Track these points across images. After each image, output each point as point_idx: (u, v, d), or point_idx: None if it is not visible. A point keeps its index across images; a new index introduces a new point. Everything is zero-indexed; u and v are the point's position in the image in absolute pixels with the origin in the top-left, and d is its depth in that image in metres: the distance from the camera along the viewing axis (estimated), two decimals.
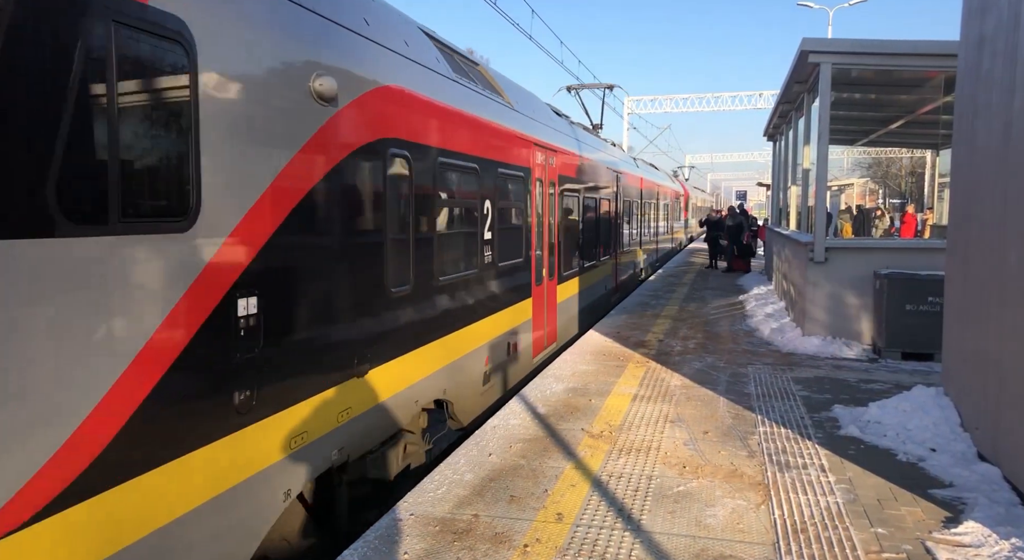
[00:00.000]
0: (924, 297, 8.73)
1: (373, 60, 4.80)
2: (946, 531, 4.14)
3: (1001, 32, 5.36)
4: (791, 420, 6.34)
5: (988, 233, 5.54)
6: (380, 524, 4.26)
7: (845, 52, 9.69)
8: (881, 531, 4.16)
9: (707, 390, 7.37)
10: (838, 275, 9.71)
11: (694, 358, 8.95)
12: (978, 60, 5.92)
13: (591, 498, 4.65)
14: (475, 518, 4.35)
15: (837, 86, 10.62)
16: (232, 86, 3.41)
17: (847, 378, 7.93)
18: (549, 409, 6.66)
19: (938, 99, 11.77)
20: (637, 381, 7.74)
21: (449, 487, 4.82)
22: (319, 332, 4.15)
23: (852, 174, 48.97)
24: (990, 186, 5.51)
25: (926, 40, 9.55)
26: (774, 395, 7.19)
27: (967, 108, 6.27)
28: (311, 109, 4.02)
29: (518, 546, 3.99)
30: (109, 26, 2.74)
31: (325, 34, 4.24)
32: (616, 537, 4.10)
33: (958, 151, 6.65)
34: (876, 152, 43.79)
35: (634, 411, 6.60)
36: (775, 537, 4.10)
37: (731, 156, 74.20)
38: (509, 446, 5.65)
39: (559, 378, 7.89)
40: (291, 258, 3.87)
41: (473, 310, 6.83)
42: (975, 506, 4.46)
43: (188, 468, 3.19)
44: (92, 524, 2.74)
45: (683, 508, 4.49)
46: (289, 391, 3.90)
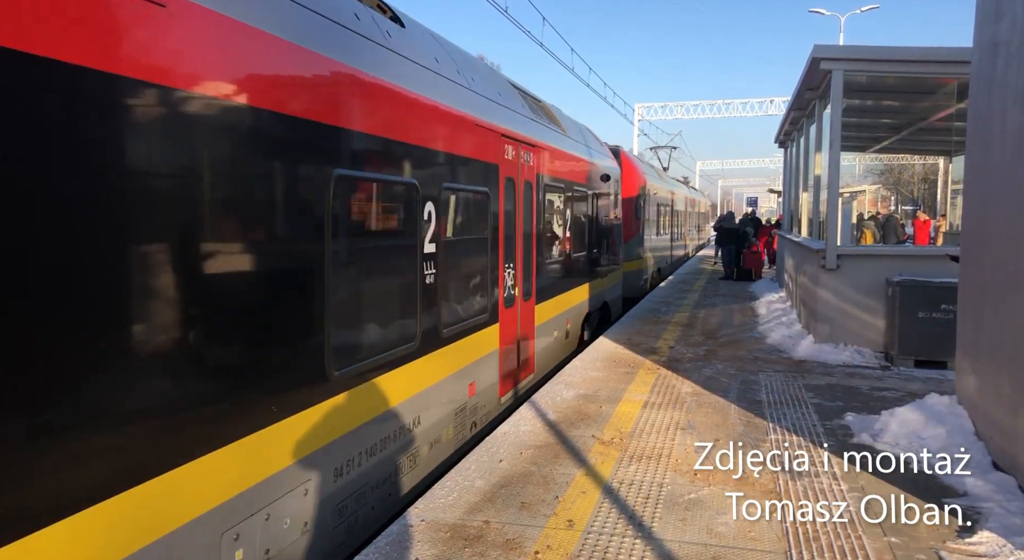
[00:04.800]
0: (937, 304, 8.67)
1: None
2: (960, 540, 4.11)
3: (1015, 37, 5.34)
4: (803, 428, 6.31)
5: (1002, 240, 5.50)
6: (391, 530, 4.27)
7: (857, 59, 9.67)
8: (894, 540, 4.13)
9: (718, 397, 7.34)
10: (850, 282, 9.66)
11: (705, 365, 8.92)
12: (992, 65, 5.89)
13: (602, 505, 4.64)
14: (486, 524, 4.34)
15: (849, 93, 10.58)
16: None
17: (859, 386, 7.88)
18: (559, 415, 6.66)
19: (951, 105, 11.71)
20: (648, 388, 7.72)
21: (460, 493, 4.82)
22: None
23: (864, 181, 48.74)
24: (1004, 193, 5.48)
25: (938, 46, 9.54)
26: (785, 402, 7.16)
27: (980, 114, 6.24)
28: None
29: (529, 552, 3.99)
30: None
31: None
32: (627, 544, 4.09)
33: (971, 158, 6.62)
34: (888, 159, 43.61)
35: (645, 418, 6.58)
36: (787, 545, 4.07)
37: (742, 163, 74.02)
38: (520, 452, 5.64)
39: (569, 384, 7.88)
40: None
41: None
42: (990, 516, 4.42)
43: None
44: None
45: (694, 515, 4.47)
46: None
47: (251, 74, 3.46)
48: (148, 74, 2.81)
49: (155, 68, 2.86)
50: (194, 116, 3.09)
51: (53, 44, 2.43)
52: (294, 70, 3.83)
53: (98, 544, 2.57)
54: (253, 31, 3.47)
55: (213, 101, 3.20)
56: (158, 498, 2.83)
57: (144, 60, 2.81)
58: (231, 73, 3.33)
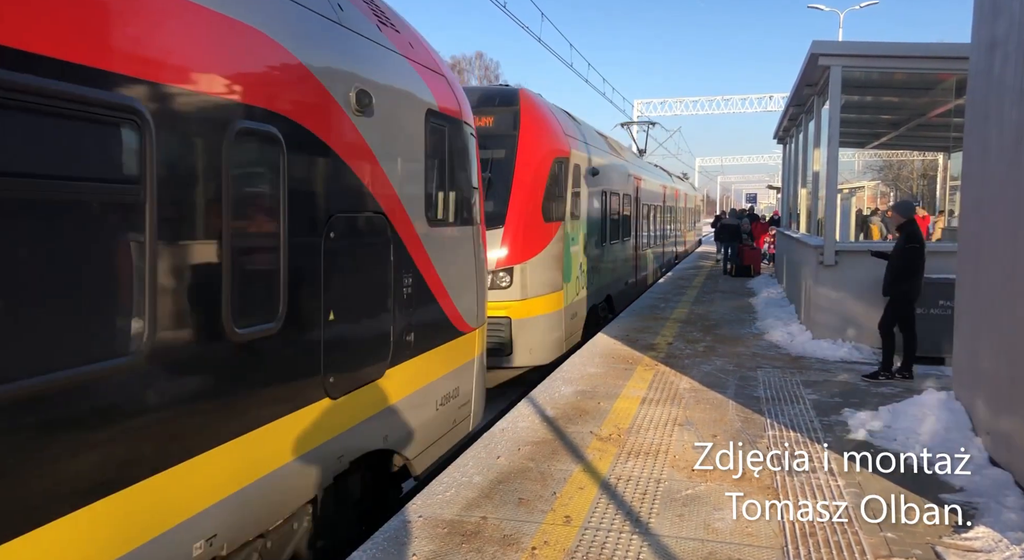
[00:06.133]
0: (935, 300, 8.68)
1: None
2: (956, 536, 4.12)
3: (1013, 35, 5.34)
4: (800, 424, 6.32)
5: (999, 236, 5.51)
6: (389, 526, 4.28)
7: (855, 55, 9.68)
8: (891, 536, 4.15)
9: (716, 393, 7.35)
10: (848, 278, 9.67)
11: (703, 361, 8.93)
12: (989, 63, 5.89)
13: (599, 501, 4.65)
14: (483, 520, 4.36)
15: (847, 89, 10.58)
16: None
17: (857, 382, 7.90)
18: (557, 412, 6.67)
19: (950, 101, 11.71)
20: (646, 384, 7.74)
21: (458, 489, 4.83)
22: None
23: (863, 177, 48.71)
24: (1001, 190, 5.48)
25: (937, 43, 9.56)
26: (783, 398, 7.17)
27: (978, 111, 6.25)
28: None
29: (526, 548, 4.00)
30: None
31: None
32: (624, 540, 4.10)
33: (969, 154, 6.63)
34: (888, 155, 43.57)
35: (643, 414, 6.60)
36: (784, 541, 4.09)
37: (741, 159, 74.00)
38: (517, 448, 5.66)
39: (568, 381, 7.89)
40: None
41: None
42: (986, 511, 4.44)
43: None
44: None
45: (692, 511, 4.49)
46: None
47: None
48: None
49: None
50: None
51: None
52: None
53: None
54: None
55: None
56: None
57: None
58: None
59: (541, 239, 9.00)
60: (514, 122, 9.18)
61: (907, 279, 7.92)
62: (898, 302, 8.00)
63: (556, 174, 9.45)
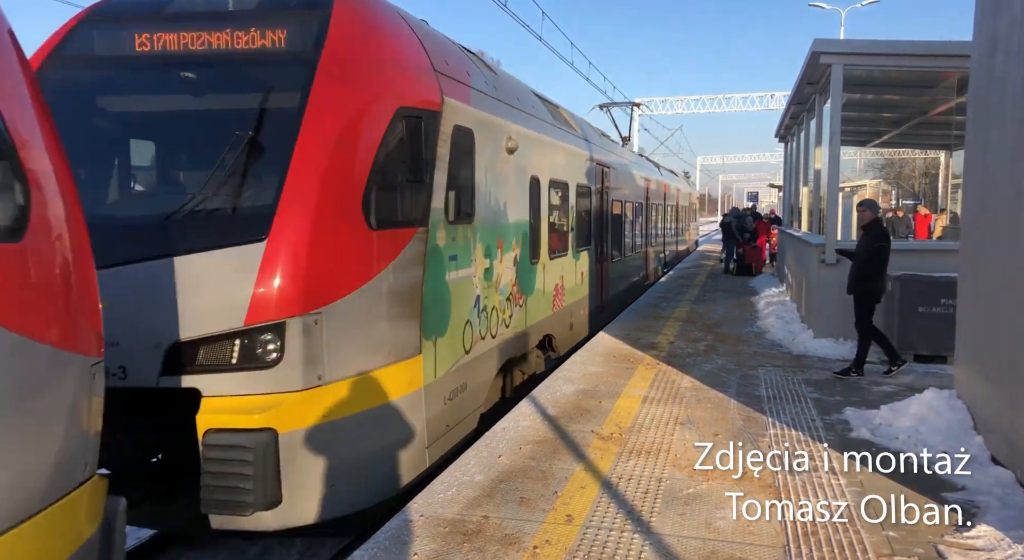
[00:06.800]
0: (937, 299, 8.67)
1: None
2: (958, 535, 4.12)
3: (1014, 32, 5.32)
4: (802, 423, 6.31)
5: (1001, 234, 5.50)
6: (390, 525, 4.28)
7: (857, 53, 9.65)
8: (892, 534, 4.14)
9: (717, 392, 7.35)
10: None
11: (704, 360, 8.92)
12: (991, 60, 5.88)
13: (601, 500, 4.65)
14: (485, 519, 4.36)
15: (849, 87, 10.57)
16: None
17: (859, 381, 7.89)
18: (559, 411, 6.67)
19: (952, 99, 11.69)
20: (647, 383, 7.73)
21: (459, 489, 4.83)
22: None
23: (865, 175, 48.64)
24: (1003, 189, 5.47)
25: (939, 41, 9.51)
26: (785, 397, 7.17)
27: (980, 109, 6.23)
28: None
29: (527, 547, 4.00)
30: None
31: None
32: (626, 539, 4.10)
33: (971, 152, 6.61)
34: (889, 153, 43.51)
35: (644, 413, 6.59)
36: (785, 540, 4.09)
37: (743, 158, 73.93)
38: (519, 448, 5.66)
39: (569, 380, 7.89)
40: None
41: None
42: (988, 510, 4.43)
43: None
44: None
45: (693, 510, 4.48)
46: None
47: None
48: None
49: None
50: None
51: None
52: None
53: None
54: None
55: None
56: None
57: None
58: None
59: (361, 260, 4.84)
60: (316, 35, 4.98)
61: (872, 279, 7.96)
62: (861, 299, 8.04)
63: (406, 138, 5.17)
